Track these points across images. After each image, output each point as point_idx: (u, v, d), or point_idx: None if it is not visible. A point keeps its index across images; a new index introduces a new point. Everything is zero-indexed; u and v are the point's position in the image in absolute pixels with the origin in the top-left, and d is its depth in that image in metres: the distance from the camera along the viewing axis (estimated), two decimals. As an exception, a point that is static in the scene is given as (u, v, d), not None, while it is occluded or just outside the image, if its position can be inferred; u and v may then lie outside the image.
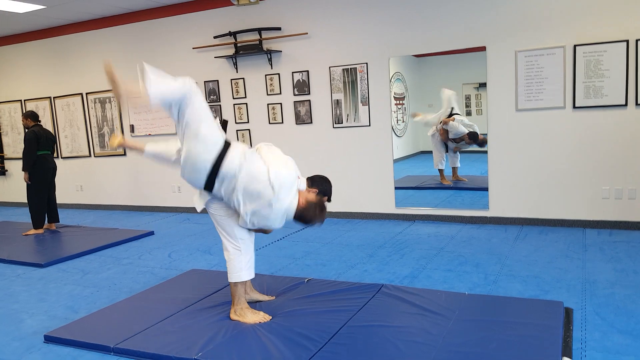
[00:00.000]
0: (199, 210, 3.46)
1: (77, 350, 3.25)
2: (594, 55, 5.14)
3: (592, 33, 5.14)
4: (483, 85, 5.84)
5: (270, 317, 3.44)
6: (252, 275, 3.49)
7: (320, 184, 3.46)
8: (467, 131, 6.40)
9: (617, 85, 5.10)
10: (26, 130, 6.66)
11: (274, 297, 3.80)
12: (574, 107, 5.29)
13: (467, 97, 6.63)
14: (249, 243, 3.48)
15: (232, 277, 3.43)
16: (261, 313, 3.46)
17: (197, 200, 3.44)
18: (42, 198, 6.67)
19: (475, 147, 6.47)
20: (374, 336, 3.07)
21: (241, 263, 3.41)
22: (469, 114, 6.66)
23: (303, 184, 3.39)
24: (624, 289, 3.70)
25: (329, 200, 3.49)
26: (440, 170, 6.77)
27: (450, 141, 6.59)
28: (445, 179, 6.77)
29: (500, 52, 5.53)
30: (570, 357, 2.72)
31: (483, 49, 5.62)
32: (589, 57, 5.16)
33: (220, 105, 7.18)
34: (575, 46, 5.20)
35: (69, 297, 4.31)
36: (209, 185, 3.22)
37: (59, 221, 6.96)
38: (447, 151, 6.69)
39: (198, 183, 3.24)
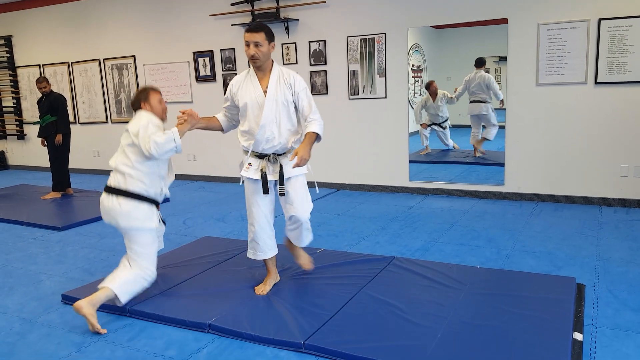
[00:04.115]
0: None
1: (94, 311, 3.33)
2: (619, 30, 5.01)
3: (618, 7, 4.99)
4: (503, 58, 5.74)
5: None
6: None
7: None
8: None
9: (642, 61, 4.98)
10: (45, 95, 6.70)
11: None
12: (596, 82, 5.19)
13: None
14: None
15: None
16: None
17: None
18: (67, 162, 6.81)
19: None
20: (385, 307, 3.09)
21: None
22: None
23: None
24: (639, 267, 3.68)
25: None
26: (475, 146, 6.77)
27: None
28: (477, 151, 6.72)
29: (523, 24, 5.41)
30: (581, 333, 2.73)
31: (505, 21, 5.50)
32: (613, 31, 5.03)
33: (236, 73, 7.14)
34: (599, 20, 5.06)
35: (85, 260, 4.39)
36: None
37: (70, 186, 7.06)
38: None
39: None
